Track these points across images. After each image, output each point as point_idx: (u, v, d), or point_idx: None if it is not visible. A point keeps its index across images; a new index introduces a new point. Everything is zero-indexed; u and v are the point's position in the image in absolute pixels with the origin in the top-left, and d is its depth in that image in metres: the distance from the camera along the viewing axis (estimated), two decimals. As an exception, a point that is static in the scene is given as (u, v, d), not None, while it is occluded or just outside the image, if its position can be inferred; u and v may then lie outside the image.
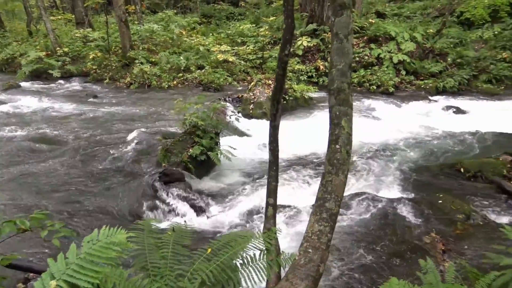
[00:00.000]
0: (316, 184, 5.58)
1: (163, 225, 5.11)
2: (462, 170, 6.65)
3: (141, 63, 14.80)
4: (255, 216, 5.41)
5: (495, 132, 8.54)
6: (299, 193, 6.11)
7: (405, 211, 5.54)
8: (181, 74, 14.31)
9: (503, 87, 13.75)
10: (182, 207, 5.71)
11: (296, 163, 7.30)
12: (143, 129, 8.46)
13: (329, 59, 4.14)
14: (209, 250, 2.65)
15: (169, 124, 9.04)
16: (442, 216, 5.36)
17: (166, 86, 13.69)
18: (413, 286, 3.00)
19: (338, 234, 4.82)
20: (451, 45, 14.99)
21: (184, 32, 18.09)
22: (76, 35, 18.60)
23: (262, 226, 3.65)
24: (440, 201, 5.62)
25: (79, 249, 1.74)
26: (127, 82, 14.35)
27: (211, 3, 24.87)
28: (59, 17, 23.42)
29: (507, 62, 14.53)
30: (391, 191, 6.38)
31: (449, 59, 14.53)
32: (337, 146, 2.83)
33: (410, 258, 4.39)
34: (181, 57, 15.06)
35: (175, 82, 14.06)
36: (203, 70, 14.20)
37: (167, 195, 5.82)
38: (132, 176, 6.47)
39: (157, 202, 5.74)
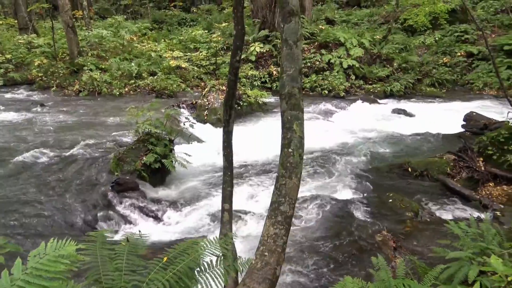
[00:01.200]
0: (271, 188, 5.64)
1: (117, 235, 4.96)
2: (409, 169, 6.96)
3: (91, 70, 14.36)
4: (211, 222, 5.38)
5: (438, 133, 9.00)
6: (255, 198, 6.14)
7: (357, 211, 5.71)
8: (132, 81, 14.01)
9: (444, 90, 14.56)
10: (137, 216, 5.58)
11: (252, 167, 7.34)
12: (94, 138, 8.20)
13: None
14: (165, 258, 2.61)
15: (121, 132, 8.81)
16: (392, 214, 5.58)
17: (118, 93, 13.35)
18: (366, 284, 3.10)
19: (294, 236, 4.89)
20: (397, 51, 15.70)
21: (135, 38, 17.76)
22: (20, 41, 17.74)
23: (218, 232, 3.64)
24: (390, 200, 5.85)
25: (25, 264, 1.66)
26: (75, 90, 13.85)
27: (163, 8, 24.58)
28: (0, 22, 22.24)
29: (447, 66, 15.43)
30: (344, 192, 6.55)
31: (395, 64, 15.20)
32: (290, 150, 2.89)
33: (364, 257, 4.53)
34: (133, 64, 14.76)
35: (126, 89, 13.74)
36: (155, 77, 13.98)
37: (121, 204, 5.67)
38: (83, 187, 6.24)
39: (111, 212, 5.58)
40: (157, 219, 5.63)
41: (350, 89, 14.24)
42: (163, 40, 18.28)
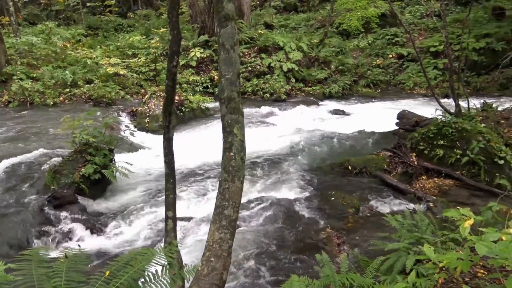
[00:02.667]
0: (215, 192, 5.62)
1: (55, 252, 4.70)
2: (349, 167, 7.23)
3: (21, 79, 13.50)
4: (156, 231, 5.26)
5: (375, 131, 9.43)
6: (200, 203, 6.09)
7: (302, 210, 5.84)
8: (67, 90, 13.36)
9: (379, 90, 15.32)
10: (77, 231, 5.32)
11: (196, 173, 7.27)
12: (26, 151, 7.71)
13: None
14: (107, 272, 2.52)
15: (57, 144, 8.37)
16: (335, 211, 5.76)
17: (52, 103, 12.66)
18: (312, 281, 3.17)
19: (240, 239, 4.90)
20: (333, 54, 16.30)
21: (68, 45, 16.97)
22: None
23: (163, 240, 3.57)
24: (333, 198, 6.04)
25: None
26: (4, 101, 12.96)
27: (98, 14, 23.70)
28: None
29: (381, 68, 16.26)
30: (289, 192, 6.67)
31: (332, 66, 15.76)
32: (232, 154, 2.89)
33: (310, 255, 4.63)
34: (67, 72, 14.08)
35: (61, 98, 13.08)
36: (92, 85, 13.43)
37: (59, 220, 5.38)
38: (16, 204, 5.86)
39: (48, 228, 5.28)
40: (99, 232, 5.40)
41: (290, 91, 14.57)
42: (99, 46, 17.62)
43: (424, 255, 2.65)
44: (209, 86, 14.33)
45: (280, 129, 10.26)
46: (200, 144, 8.44)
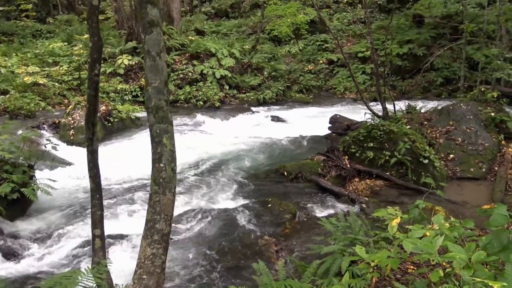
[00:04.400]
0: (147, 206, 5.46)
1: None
2: (285, 173, 7.37)
3: None
4: (83, 251, 4.99)
5: (309, 136, 9.72)
6: (130, 219, 5.88)
7: (240, 219, 5.85)
8: (-22, 102, 12.35)
9: (312, 96, 15.87)
10: (-8, 257, 4.90)
11: (125, 187, 7.03)
12: None
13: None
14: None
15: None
16: (272, 218, 5.83)
17: (-41, 116, 11.63)
18: (250, 290, 3.18)
19: (174, 254, 4.80)
20: (266, 60, 16.61)
21: (-23, 53, 15.72)
22: None
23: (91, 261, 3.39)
24: (270, 205, 6.11)
25: None
26: None
27: (13, 19, 22.21)
28: None
29: (312, 73, 16.86)
30: (226, 201, 6.67)
31: (265, 72, 16.06)
32: (161, 165, 2.83)
33: (248, 264, 4.64)
34: (-23, 82, 13.01)
35: (-29, 111, 12.05)
36: (7, 96, 12.52)
37: (-30, 246, 4.93)
38: None
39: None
40: (16, 256, 5.02)
41: (224, 98, 14.62)
42: (14, 54, 16.50)
43: (358, 256, 2.77)
44: (139, 94, 13.96)
45: (215, 137, 10.24)
46: (130, 156, 8.17)
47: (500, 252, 2.20)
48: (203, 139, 10.09)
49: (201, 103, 13.93)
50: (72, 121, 9.83)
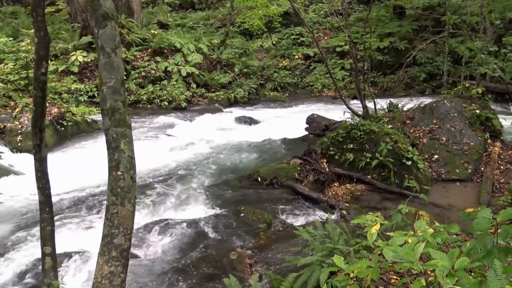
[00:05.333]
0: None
1: None
2: (259, 179, 7.40)
3: None
4: (33, 272, 4.86)
5: (284, 138, 9.79)
6: (85, 234, 5.77)
7: (210, 230, 5.84)
8: None
9: (287, 94, 15.99)
10: None
11: (80, 198, 6.89)
12: None
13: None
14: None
15: None
16: (245, 228, 5.84)
17: None
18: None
19: (135, 271, 4.74)
20: (237, 55, 16.63)
21: None
22: None
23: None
24: (242, 214, 6.13)
25: None
26: None
27: None
28: None
29: (287, 69, 16.97)
30: (194, 211, 6.64)
31: (236, 69, 16.07)
32: (119, 173, 2.79)
33: (219, 280, 4.62)
34: None
35: None
36: None
37: None
38: None
39: None
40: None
41: (192, 98, 14.54)
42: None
43: (337, 267, 2.80)
44: (96, 95, 13.68)
45: (181, 141, 10.17)
46: (85, 164, 8.01)
47: (484, 258, 2.26)
48: (168, 143, 10.01)
49: (166, 103, 13.80)
50: (20, 126, 9.59)
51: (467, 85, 9.47)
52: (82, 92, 13.53)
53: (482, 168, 7.46)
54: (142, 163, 6.38)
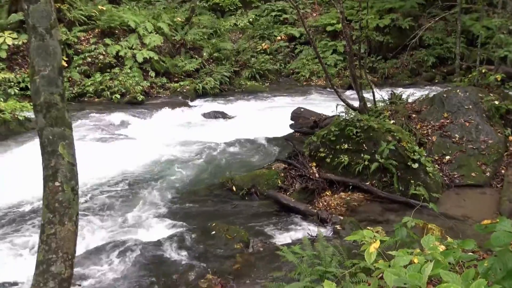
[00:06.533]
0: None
1: None
2: (234, 188, 7.39)
3: None
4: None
5: (265, 137, 9.81)
6: (16, 261, 5.69)
7: (174, 253, 5.80)
8: None
9: (268, 84, 16.04)
10: None
11: (9, 216, 6.79)
12: None
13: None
14: None
15: None
16: (218, 249, 5.83)
17: None
18: None
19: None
20: (205, 37, 16.61)
21: None
22: None
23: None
24: (214, 232, 6.10)
25: None
26: None
27: None
28: None
29: (268, 53, 17.00)
30: (155, 229, 6.59)
31: (204, 53, 16.05)
32: (57, 184, 2.76)
33: (186, 313, 4.61)
34: None
35: None
36: None
37: None
38: None
39: None
40: None
41: (150, 90, 14.49)
42: None
43: (328, 294, 2.81)
44: (29, 86, 13.56)
45: (138, 144, 10.11)
46: (18, 173, 7.89)
47: (504, 279, 2.29)
48: (121, 146, 9.94)
49: (118, 96, 13.70)
50: None
51: (483, 70, 9.62)
52: (12, 83, 13.33)
53: (503, 171, 7.60)
54: (86, 171, 6.33)
